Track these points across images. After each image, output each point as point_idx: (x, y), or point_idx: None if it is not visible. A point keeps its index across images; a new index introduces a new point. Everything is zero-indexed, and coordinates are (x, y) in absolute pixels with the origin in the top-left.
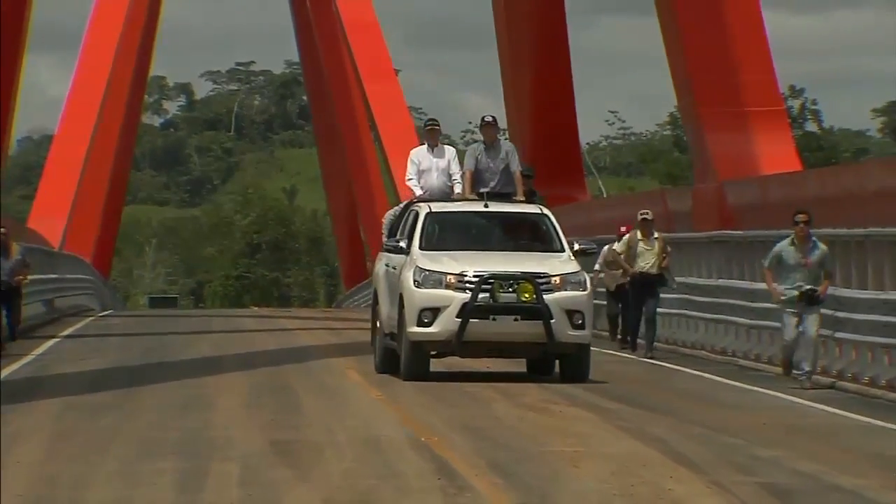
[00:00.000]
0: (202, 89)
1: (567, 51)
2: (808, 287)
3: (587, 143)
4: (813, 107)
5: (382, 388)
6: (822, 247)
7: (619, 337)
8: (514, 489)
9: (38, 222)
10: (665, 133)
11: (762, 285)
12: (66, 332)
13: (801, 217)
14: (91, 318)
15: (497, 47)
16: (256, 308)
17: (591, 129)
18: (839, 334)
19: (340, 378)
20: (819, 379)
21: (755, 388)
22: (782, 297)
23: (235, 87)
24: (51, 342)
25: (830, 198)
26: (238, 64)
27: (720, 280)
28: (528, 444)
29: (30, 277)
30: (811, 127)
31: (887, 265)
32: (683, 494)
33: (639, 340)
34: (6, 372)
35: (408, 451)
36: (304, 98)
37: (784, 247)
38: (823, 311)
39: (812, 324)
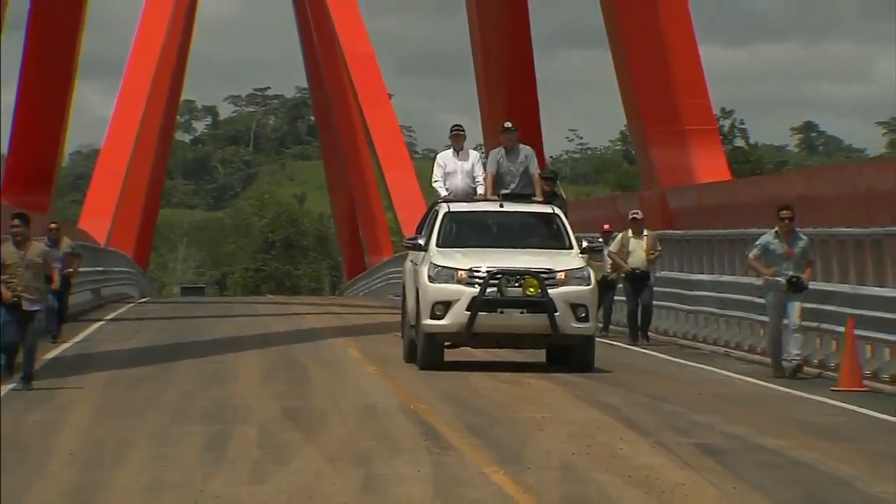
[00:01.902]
0: (225, 111)
1: (533, 78)
2: (793, 275)
3: (550, 157)
4: (741, 126)
5: (378, 364)
6: (805, 238)
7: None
8: (489, 449)
9: (87, 223)
10: (616, 148)
11: (700, 276)
12: (110, 316)
13: (785, 213)
14: (131, 305)
15: (475, 75)
16: (271, 296)
17: (553, 144)
18: (763, 317)
19: (342, 355)
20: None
21: (692, 364)
22: (777, 279)
23: (253, 109)
24: (97, 324)
25: (756, 203)
26: (256, 89)
27: (663, 272)
28: (501, 411)
29: (79, 270)
30: (739, 143)
31: None
32: (631, 453)
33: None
34: (60, 350)
35: (399, 416)
36: (312, 118)
37: (769, 239)
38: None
39: (795, 310)
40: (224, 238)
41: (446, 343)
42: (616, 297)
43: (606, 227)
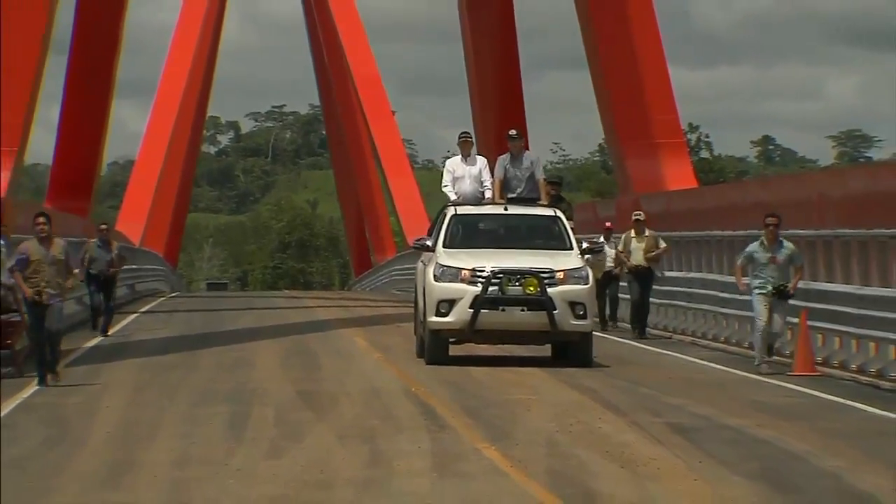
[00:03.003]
0: (246, 126)
1: (521, 97)
2: (780, 284)
3: None
4: (706, 139)
5: (383, 352)
6: (790, 246)
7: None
8: (481, 427)
9: (123, 225)
10: (595, 159)
11: (669, 273)
12: (144, 309)
13: (771, 220)
14: (163, 299)
15: (469, 94)
16: (287, 291)
17: (539, 155)
18: (724, 309)
19: (350, 344)
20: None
21: (663, 351)
22: (746, 286)
23: (271, 125)
24: (132, 316)
25: (719, 208)
26: (273, 107)
27: None
28: (492, 394)
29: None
30: (705, 154)
31: None
32: (609, 431)
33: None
34: (100, 339)
35: (401, 399)
36: (324, 132)
37: (755, 247)
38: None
39: (780, 316)
40: (245, 239)
41: (451, 339)
42: (620, 295)
43: (608, 224)
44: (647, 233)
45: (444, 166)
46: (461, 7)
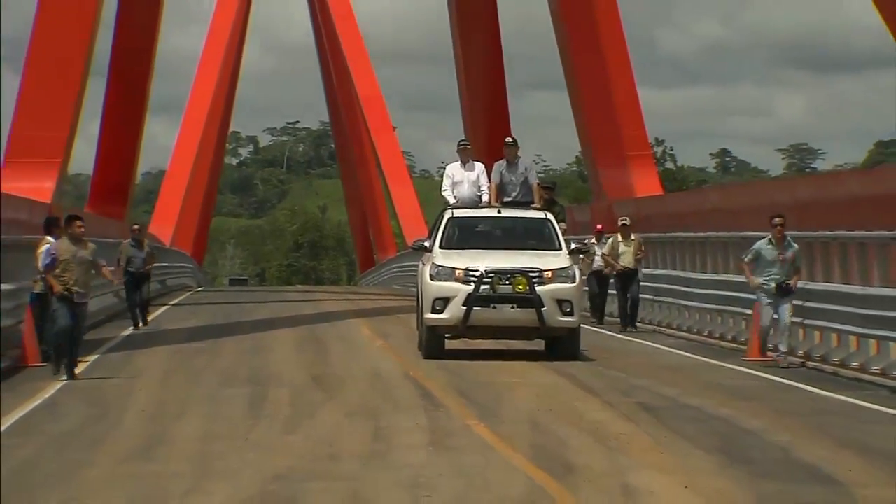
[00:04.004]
0: (264, 140)
1: (507, 113)
2: (784, 280)
3: None
4: (670, 152)
5: (385, 339)
6: (795, 246)
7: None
8: (472, 406)
9: (155, 228)
10: (572, 169)
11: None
12: (173, 302)
13: (778, 220)
14: (190, 293)
15: (461, 111)
16: (300, 286)
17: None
18: (687, 302)
19: (356, 333)
20: (793, 359)
21: (632, 339)
22: (762, 286)
23: (286, 139)
24: (163, 308)
25: (682, 213)
26: (288, 123)
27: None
28: (482, 377)
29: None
30: (669, 165)
31: (720, 258)
32: (585, 410)
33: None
34: (133, 328)
35: (401, 381)
36: (333, 145)
37: (762, 245)
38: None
39: (786, 311)
40: (263, 240)
41: (446, 335)
42: (609, 292)
43: (599, 227)
44: (632, 237)
45: (440, 174)
46: (454, 35)
